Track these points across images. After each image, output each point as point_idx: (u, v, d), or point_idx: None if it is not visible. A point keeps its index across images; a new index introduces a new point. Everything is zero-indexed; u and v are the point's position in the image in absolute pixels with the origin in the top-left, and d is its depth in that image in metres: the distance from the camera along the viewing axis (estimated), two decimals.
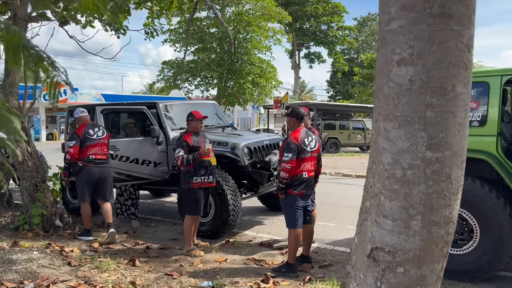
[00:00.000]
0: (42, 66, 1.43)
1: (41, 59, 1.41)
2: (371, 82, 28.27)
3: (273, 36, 24.40)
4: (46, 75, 1.48)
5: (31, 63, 1.38)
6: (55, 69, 1.48)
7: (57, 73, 1.50)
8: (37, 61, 1.40)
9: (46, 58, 1.44)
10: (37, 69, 1.41)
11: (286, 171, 4.26)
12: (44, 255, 4.71)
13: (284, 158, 4.27)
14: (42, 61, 1.42)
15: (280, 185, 4.34)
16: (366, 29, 48.52)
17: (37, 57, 1.40)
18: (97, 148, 5.63)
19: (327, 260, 4.86)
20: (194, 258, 4.95)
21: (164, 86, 26.91)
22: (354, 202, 8.17)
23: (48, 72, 1.47)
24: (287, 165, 4.25)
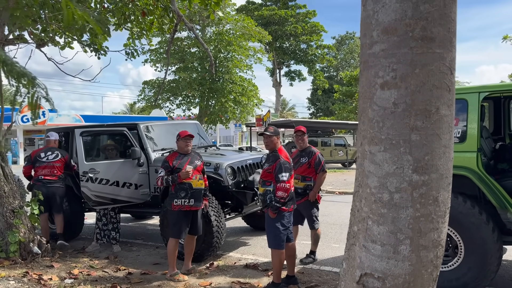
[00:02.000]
0: (23, 81, 1.39)
1: (23, 75, 1.38)
2: (351, 99, 28.69)
3: (253, 55, 24.65)
4: (27, 91, 1.44)
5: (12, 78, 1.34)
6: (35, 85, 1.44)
7: (37, 89, 1.46)
8: (18, 76, 1.36)
9: (28, 74, 1.40)
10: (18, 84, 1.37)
11: (285, 191, 4.26)
12: (21, 284, 4.53)
13: (282, 178, 4.26)
14: (23, 77, 1.38)
15: (277, 204, 4.29)
16: (344, 47, 49.54)
17: (18, 72, 1.36)
18: (47, 170, 6.32)
19: (314, 281, 4.80)
20: (177, 283, 4.82)
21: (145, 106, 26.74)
22: (338, 219, 8.15)
23: (29, 88, 1.43)
24: (286, 184, 4.26)
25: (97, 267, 5.46)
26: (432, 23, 1.47)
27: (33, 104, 1.51)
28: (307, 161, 5.40)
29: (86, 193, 6.00)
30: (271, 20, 36.14)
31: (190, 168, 4.99)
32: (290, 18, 36.50)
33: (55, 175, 6.38)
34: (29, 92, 1.46)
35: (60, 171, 6.42)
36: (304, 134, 5.58)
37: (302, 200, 5.35)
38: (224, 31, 22.45)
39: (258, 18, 34.53)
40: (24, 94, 1.48)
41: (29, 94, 1.47)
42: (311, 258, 5.59)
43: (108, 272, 5.25)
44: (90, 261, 5.75)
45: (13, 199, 5.63)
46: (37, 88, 1.46)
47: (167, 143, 6.63)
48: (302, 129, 5.61)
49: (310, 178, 5.39)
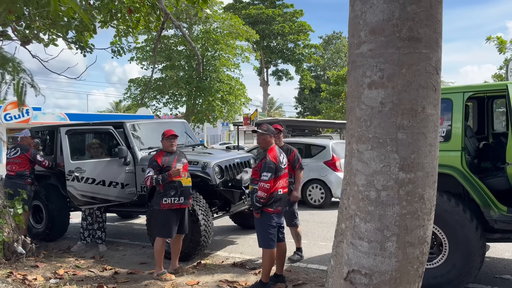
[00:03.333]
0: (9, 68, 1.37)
1: (7, 60, 1.35)
2: (337, 98, 28.88)
3: (241, 54, 24.62)
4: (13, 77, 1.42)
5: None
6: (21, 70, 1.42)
7: (23, 75, 1.44)
8: (3, 62, 1.33)
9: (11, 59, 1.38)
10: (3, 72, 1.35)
11: (264, 191, 4.24)
12: (6, 284, 4.46)
13: (263, 178, 4.25)
14: (7, 62, 1.36)
15: (257, 204, 4.29)
16: (331, 47, 49.82)
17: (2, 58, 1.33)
18: (9, 166, 6.55)
19: (301, 279, 4.82)
20: (164, 282, 4.80)
21: (131, 104, 26.51)
22: (325, 218, 8.21)
23: (14, 74, 1.41)
24: (266, 184, 4.24)
25: (83, 267, 5.41)
26: (418, 23, 1.49)
27: (19, 90, 1.49)
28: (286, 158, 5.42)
29: (72, 192, 5.93)
30: (259, 19, 36.15)
31: (180, 165, 4.97)
32: (278, 17, 36.56)
33: (13, 171, 6.47)
34: (14, 78, 1.44)
35: (20, 167, 6.45)
36: (280, 132, 5.57)
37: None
38: (212, 30, 22.37)
39: (246, 16, 34.50)
40: (9, 80, 1.46)
41: (14, 80, 1.45)
42: (298, 255, 5.63)
43: (94, 272, 5.21)
44: (75, 261, 5.69)
45: None
46: (23, 74, 1.45)
47: (154, 142, 6.58)
48: (278, 127, 5.61)
49: (290, 175, 5.41)
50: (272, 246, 4.38)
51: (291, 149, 5.53)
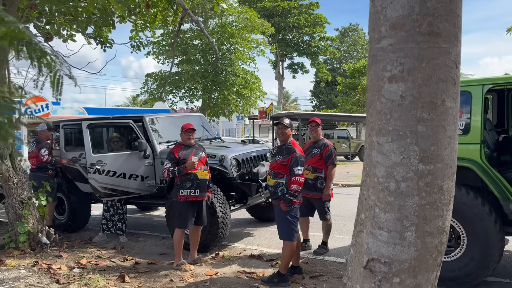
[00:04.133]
0: (45, 60, 1.43)
1: (44, 53, 1.42)
2: (354, 92, 28.63)
3: (256, 47, 24.53)
4: (49, 70, 1.49)
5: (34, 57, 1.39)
6: (58, 63, 1.49)
7: (60, 67, 1.51)
8: (40, 55, 1.40)
9: (50, 52, 1.45)
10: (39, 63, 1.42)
11: (300, 184, 4.32)
12: (32, 273, 4.62)
13: (297, 172, 4.31)
14: (45, 56, 1.42)
15: (291, 197, 4.32)
16: (347, 39, 49.27)
17: (40, 51, 1.40)
18: (30, 160, 6.76)
19: (318, 271, 4.87)
20: (184, 272, 4.91)
21: (148, 98, 26.74)
22: (341, 211, 8.23)
23: (51, 67, 1.48)
24: (301, 178, 4.33)
25: (105, 257, 5.56)
26: (438, 18, 1.52)
27: (55, 82, 1.55)
28: (319, 153, 5.44)
29: (93, 185, 6.09)
30: (274, 11, 35.95)
31: (196, 159, 5.06)
32: (293, 9, 36.29)
33: (34, 164, 6.68)
34: (51, 71, 1.50)
35: (38, 161, 6.59)
36: (318, 126, 5.61)
37: (316, 196, 5.42)
38: (227, 23, 22.36)
39: (261, 9, 34.34)
40: (46, 73, 1.52)
41: (51, 73, 1.52)
42: (324, 249, 5.66)
43: (115, 262, 5.35)
44: (97, 251, 5.85)
45: (22, 190, 5.72)
46: (60, 66, 1.51)
47: (172, 136, 6.69)
48: (316, 120, 5.64)
49: (321, 170, 5.44)
50: (294, 238, 4.45)
51: (326, 144, 5.53)
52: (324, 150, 5.45)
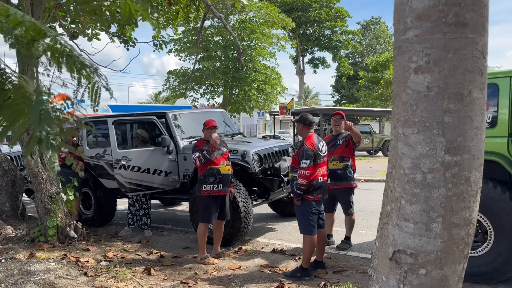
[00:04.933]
0: (84, 72, 1.50)
1: (84, 66, 1.49)
2: (376, 86, 28.24)
3: (277, 43, 24.48)
4: (88, 81, 1.56)
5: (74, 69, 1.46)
6: (97, 75, 1.56)
7: (99, 79, 1.58)
8: (80, 67, 1.47)
9: (89, 65, 1.52)
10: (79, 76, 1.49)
11: (305, 178, 4.31)
12: (61, 266, 4.77)
13: (302, 165, 4.32)
14: (84, 68, 1.49)
15: (298, 191, 4.37)
16: (370, 33, 48.55)
17: (80, 64, 1.47)
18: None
19: (341, 266, 4.86)
20: (208, 266, 4.99)
21: (170, 95, 27.05)
22: (365, 206, 8.17)
23: (89, 78, 1.54)
24: (306, 171, 4.31)
25: (131, 251, 5.68)
26: (465, 8, 1.50)
27: (93, 94, 1.64)
28: (344, 142, 5.40)
29: (119, 180, 6.23)
30: (295, 6, 35.75)
31: (217, 137, 5.17)
32: (314, 3, 35.99)
33: (59, 161, 6.43)
34: (90, 82, 1.58)
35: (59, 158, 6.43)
36: (343, 118, 5.57)
37: (347, 186, 5.40)
38: (247, 19, 22.38)
39: (281, 4, 34.20)
40: (85, 84, 1.60)
41: (89, 84, 1.60)
42: (347, 244, 5.64)
43: (141, 255, 5.47)
44: (123, 245, 5.98)
45: (51, 185, 5.89)
46: (98, 78, 1.59)
47: (194, 132, 6.77)
48: (341, 113, 5.62)
49: (348, 158, 5.41)
50: (313, 232, 4.46)
51: (348, 134, 5.48)
52: (347, 138, 5.42)
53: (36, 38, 1.51)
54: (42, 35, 1.52)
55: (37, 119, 1.49)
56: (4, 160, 7.24)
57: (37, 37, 1.51)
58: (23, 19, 1.47)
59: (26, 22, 1.46)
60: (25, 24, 1.47)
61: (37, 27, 1.52)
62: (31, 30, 1.48)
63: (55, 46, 1.52)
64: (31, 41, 1.50)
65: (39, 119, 1.49)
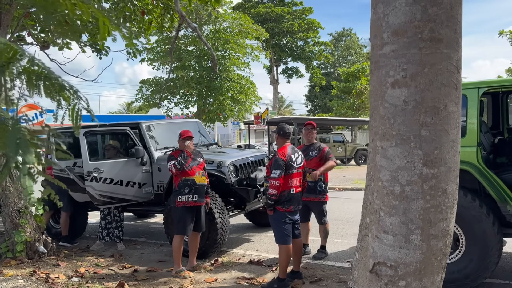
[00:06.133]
0: (63, 95, 1.46)
1: (63, 88, 1.44)
2: (348, 95, 28.80)
3: (251, 53, 24.63)
4: (68, 103, 1.51)
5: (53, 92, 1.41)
6: (76, 97, 1.51)
7: (78, 101, 1.53)
8: (58, 90, 1.42)
9: (68, 87, 1.47)
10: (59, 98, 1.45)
11: (274, 188, 4.29)
12: (30, 283, 4.58)
13: (273, 175, 4.31)
14: (63, 90, 1.45)
15: (269, 201, 4.37)
16: (341, 44, 49.60)
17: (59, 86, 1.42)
18: None
19: (318, 275, 4.87)
20: (183, 279, 4.89)
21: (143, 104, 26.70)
22: (339, 215, 8.24)
23: (69, 100, 1.50)
24: (276, 181, 4.28)
25: (103, 265, 5.53)
26: (440, 25, 1.55)
27: (74, 116, 1.60)
28: (318, 155, 5.43)
29: (91, 193, 6.06)
30: (268, 17, 36.16)
31: (191, 142, 5.18)
32: (287, 15, 36.53)
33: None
34: (69, 104, 1.55)
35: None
36: (314, 129, 5.62)
37: (316, 199, 5.42)
38: (221, 29, 22.45)
39: (255, 15, 34.54)
40: (65, 106, 1.57)
41: (69, 106, 1.56)
42: (323, 253, 5.65)
43: (114, 270, 5.32)
44: (95, 260, 5.81)
45: (19, 199, 5.68)
46: (78, 100, 1.55)
47: (169, 142, 6.68)
48: (312, 123, 5.66)
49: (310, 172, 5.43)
50: (288, 242, 4.44)
51: (322, 146, 5.56)
52: (322, 151, 5.46)
53: (11, 61, 1.46)
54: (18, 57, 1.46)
55: (14, 149, 1.43)
56: None
57: (12, 59, 1.46)
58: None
59: (0, 44, 1.41)
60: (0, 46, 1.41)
61: (13, 48, 1.47)
62: (5, 52, 1.43)
63: (31, 68, 1.47)
64: (5, 64, 1.45)
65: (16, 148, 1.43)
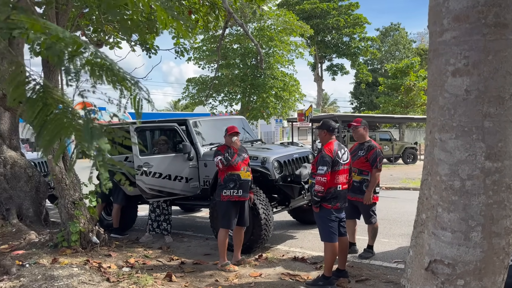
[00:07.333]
0: (125, 85, 1.52)
1: (124, 78, 1.50)
2: (396, 92, 27.93)
3: (295, 50, 24.52)
4: (129, 92, 1.57)
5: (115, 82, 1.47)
6: (137, 88, 1.57)
7: (139, 91, 1.59)
8: (120, 80, 1.48)
9: (130, 78, 1.53)
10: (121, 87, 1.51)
11: (321, 184, 4.24)
12: (84, 271, 4.79)
13: (319, 171, 4.25)
14: (124, 81, 1.50)
15: (315, 198, 4.32)
16: (389, 39, 48.19)
17: (120, 77, 1.48)
18: None
19: (364, 275, 4.77)
20: (228, 273, 4.95)
21: (189, 103, 27.29)
22: (387, 214, 8.02)
23: (131, 90, 1.56)
24: (322, 178, 4.23)
25: (152, 257, 5.69)
26: (505, 9, 1.45)
27: (135, 105, 1.68)
28: (364, 155, 5.30)
29: (141, 186, 6.26)
30: (313, 13, 35.78)
31: (237, 139, 5.23)
32: (332, 11, 35.98)
33: None
34: (131, 94, 1.62)
35: None
36: (356, 128, 5.49)
37: (361, 199, 5.31)
38: (266, 27, 22.48)
39: (300, 12, 34.29)
40: (127, 96, 1.64)
41: (131, 96, 1.64)
42: (370, 252, 5.52)
43: (162, 262, 5.46)
44: (144, 251, 5.99)
45: (74, 191, 5.96)
46: (140, 90, 1.62)
47: (215, 138, 6.79)
48: (353, 122, 5.54)
49: (367, 172, 5.30)
50: (334, 239, 4.38)
51: (372, 146, 5.36)
52: (369, 153, 5.30)
53: (75, 54, 1.54)
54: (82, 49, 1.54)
55: (89, 137, 1.52)
56: (29, 166, 7.37)
57: (76, 52, 1.54)
58: (64, 35, 1.49)
59: (66, 38, 1.49)
60: (65, 40, 1.49)
61: (77, 42, 1.55)
62: (70, 46, 1.51)
63: (95, 60, 1.54)
64: (71, 57, 1.53)
65: (90, 136, 1.51)
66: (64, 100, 1.72)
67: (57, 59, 1.50)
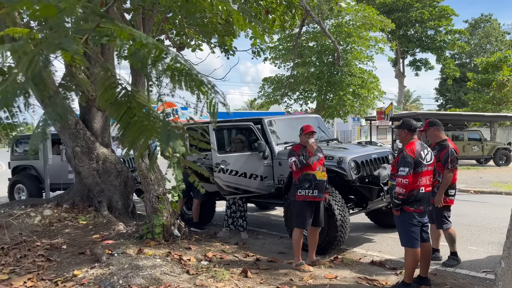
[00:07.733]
0: (201, 90, 1.59)
1: (201, 83, 1.57)
2: (487, 88, 25.75)
3: (375, 45, 23.65)
4: (206, 97, 1.65)
5: (193, 86, 1.54)
6: (214, 92, 1.64)
7: (215, 95, 1.66)
8: (198, 84, 1.56)
9: (206, 82, 1.60)
10: (198, 92, 1.58)
11: (402, 187, 4.05)
12: (166, 262, 5.06)
13: (400, 173, 4.07)
14: (202, 85, 1.57)
15: (396, 201, 4.13)
16: (479, 32, 44.54)
17: (198, 81, 1.55)
18: None
19: (448, 283, 4.48)
20: (303, 273, 4.93)
21: (264, 101, 27.60)
22: (475, 220, 7.44)
23: (207, 94, 1.63)
24: (404, 180, 4.04)
25: (228, 252, 5.85)
26: None
27: (211, 108, 1.76)
28: (437, 155, 4.98)
29: (218, 183, 6.47)
30: (394, 7, 34.22)
31: (314, 142, 5.12)
32: (416, 3, 34.08)
33: None
34: (207, 98, 1.70)
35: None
36: (425, 131, 5.18)
37: (433, 201, 5.00)
38: (344, 23, 21.97)
39: (380, 6, 32.98)
40: (204, 100, 1.73)
41: (207, 100, 1.72)
42: (455, 260, 5.17)
43: (238, 257, 5.59)
44: (221, 246, 6.18)
45: (158, 186, 6.32)
46: (216, 94, 1.69)
47: (289, 137, 6.79)
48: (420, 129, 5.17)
49: (439, 173, 4.99)
50: (415, 245, 4.16)
51: (444, 145, 5.05)
52: (442, 152, 4.96)
53: (157, 59, 1.64)
54: (163, 55, 1.64)
55: (166, 139, 1.61)
56: (118, 162, 7.96)
57: (158, 58, 1.64)
58: (147, 42, 1.60)
59: (149, 45, 1.59)
60: (148, 46, 1.60)
61: (159, 48, 1.65)
62: (153, 51, 1.61)
63: (175, 65, 1.63)
64: (153, 62, 1.63)
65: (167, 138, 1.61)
66: (147, 104, 1.83)
67: (141, 64, 1.60)
